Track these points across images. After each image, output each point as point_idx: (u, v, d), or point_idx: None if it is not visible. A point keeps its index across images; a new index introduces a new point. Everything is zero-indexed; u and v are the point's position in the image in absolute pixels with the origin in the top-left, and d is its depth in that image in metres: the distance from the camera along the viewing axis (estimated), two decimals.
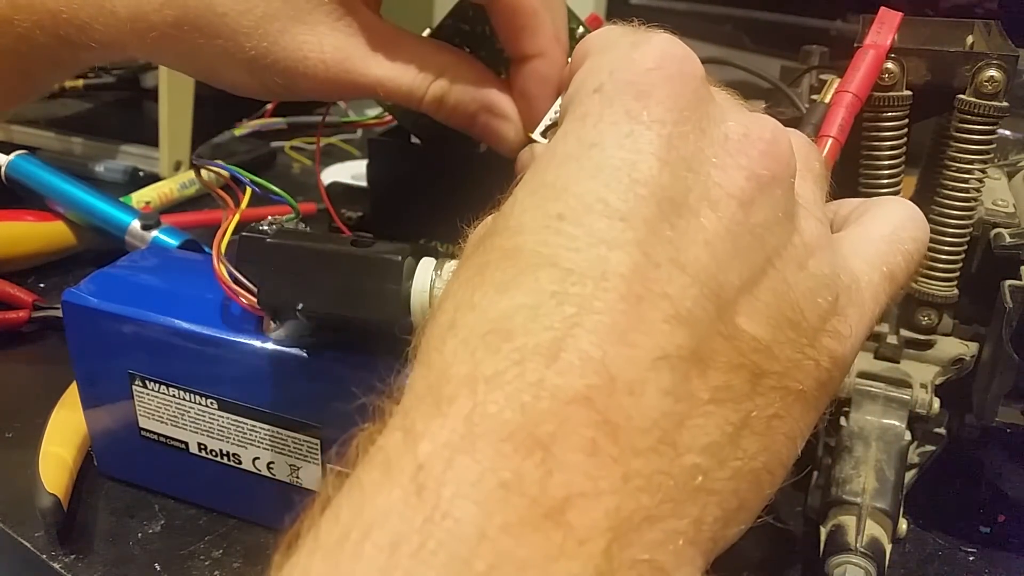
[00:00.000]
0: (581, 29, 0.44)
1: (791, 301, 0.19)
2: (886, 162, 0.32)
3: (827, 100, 0.30)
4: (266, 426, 0.30)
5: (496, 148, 0.32)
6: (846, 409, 0.33)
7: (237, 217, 0.30)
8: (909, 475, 0.34)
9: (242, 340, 0.29)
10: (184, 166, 0.67)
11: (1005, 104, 0.30)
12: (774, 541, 0.35)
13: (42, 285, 0.50)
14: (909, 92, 0.32)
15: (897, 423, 0.32)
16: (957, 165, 0.32)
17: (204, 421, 0.31)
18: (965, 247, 0.33)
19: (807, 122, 0.31)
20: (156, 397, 0.31)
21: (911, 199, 0.38)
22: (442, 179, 0.38)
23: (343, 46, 0.29)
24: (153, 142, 0.66)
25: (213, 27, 0.29)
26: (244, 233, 0.28)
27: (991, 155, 0.31)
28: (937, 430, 0.34)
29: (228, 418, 0.30)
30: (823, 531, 0.30)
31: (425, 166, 0.39)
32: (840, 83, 0.31)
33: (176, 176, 0.64)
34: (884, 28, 0.32)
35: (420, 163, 0.39)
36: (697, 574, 0.17)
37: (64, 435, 0.35)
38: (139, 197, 0.59)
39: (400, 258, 0.25)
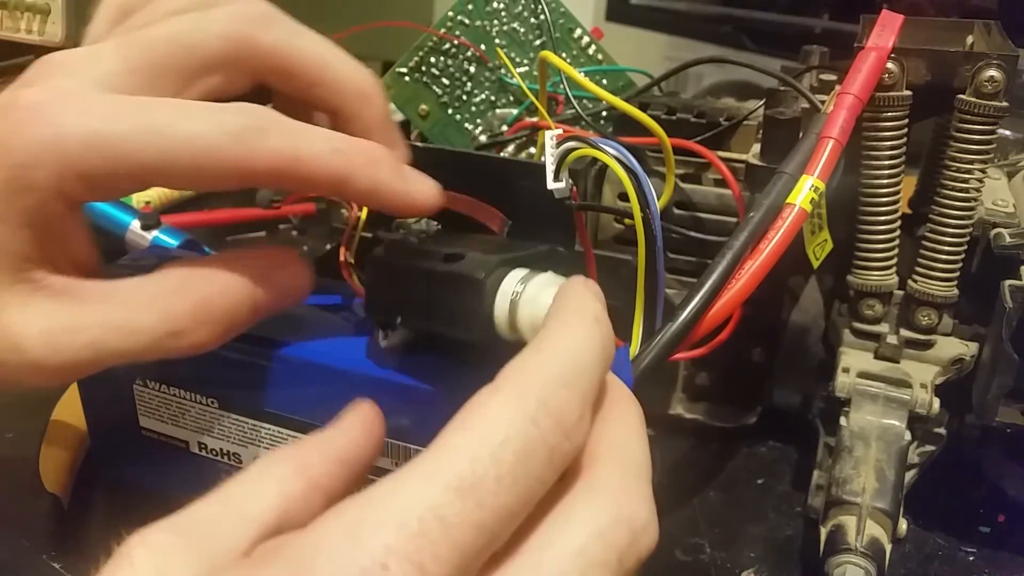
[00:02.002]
0: (579, 31, 0.44)
1: None
2: (886, 162, 0.32)
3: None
4: (266, 425, 0.30)
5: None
6: (846, 409, 0.33)
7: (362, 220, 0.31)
8: (909, 475, 0.34)
9: (241, 338, 0.29)
10: None
11: (1005, 104, 0.30)
12: (774, 541, 0.35)
13: None
14: (909, 92, 0.32)
15: (897, 423, 0.32)
16: (957, 165, 0.32)
17: (205, 420, 0.31)
18: (965, 247, 0.33)
19: (809, 131, 0.31)
20: (156, 396, 0.31)
21: (911, 199, 0.38)
22: (442, 179, 0.38)
23: (33, 322, 0.24)
24: None
25: None
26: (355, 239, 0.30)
27: (991, 155, 0.31)
28: (937, 430, 0.34)
29: (228, 417, 0.30)
30: (823, 531, 0.30)
31: (425, 166, 0.39)
32: (842, 85, 0.31)
33: None
34: (886, 30, 0.32)
35: (420, 163, 0.39)
36: None
37: (64, 435, 0.35)
38: (139, 197, 0.59)
39: (482, 276, 0.25)
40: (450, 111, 0.43)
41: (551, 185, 0.29)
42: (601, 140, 0.28)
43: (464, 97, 0.43)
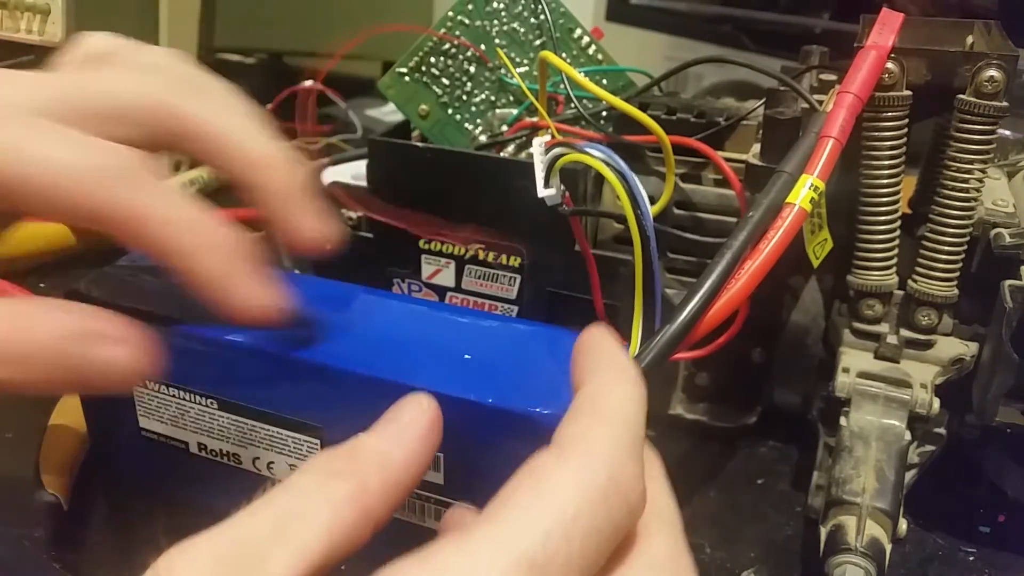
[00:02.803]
0: (579, 31, 0.44)
1: None
2: (886, 162, 0.32)
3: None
4: (266, 426, 0.30)
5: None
6: (846, 409, 0.33)
7: None
8: (909, 475, 0.34)
9: (242, 340, 0.29)
10: (184, 166, 0.67)
11: (1005, 104, 0.30)
12: (774, 541, 0.35)
13: (42, 285, 0.50)
14: (909, 92, 0.32)
15: (897, 423, 0.32)
16: (957, 165, 0.32)
17: (204, 421, 0.31)
18: (965, 247, 0.33)
19: (809, 130, 0.31)
20: (156, 397, 0.31)
21: (911, 199, 0.38)
22: (442, 179, 0.38)
23: None
24: None
25: None
26: None
27: (991, 155, 0.31)
28: (937, 430, 0.34)
29: (228, 418, 0.30)
30: (823, 531, 0.30)
31: (425, 166, 0.39)
32: (842, 84, 0.31)
33: (176, 176, 0.64)
34: (886, 29, 0.32)
35: (420, 163, 0.39)
36: None
37: (64, 434, 0.35)
38: None
39: None
40: (450, 111, 0.43)
41: (542, 192, 0.29)
42: (588, 144, 0.28)
43: (464, 97, 0.43)
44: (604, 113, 0.42)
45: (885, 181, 0.32)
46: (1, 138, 0.23)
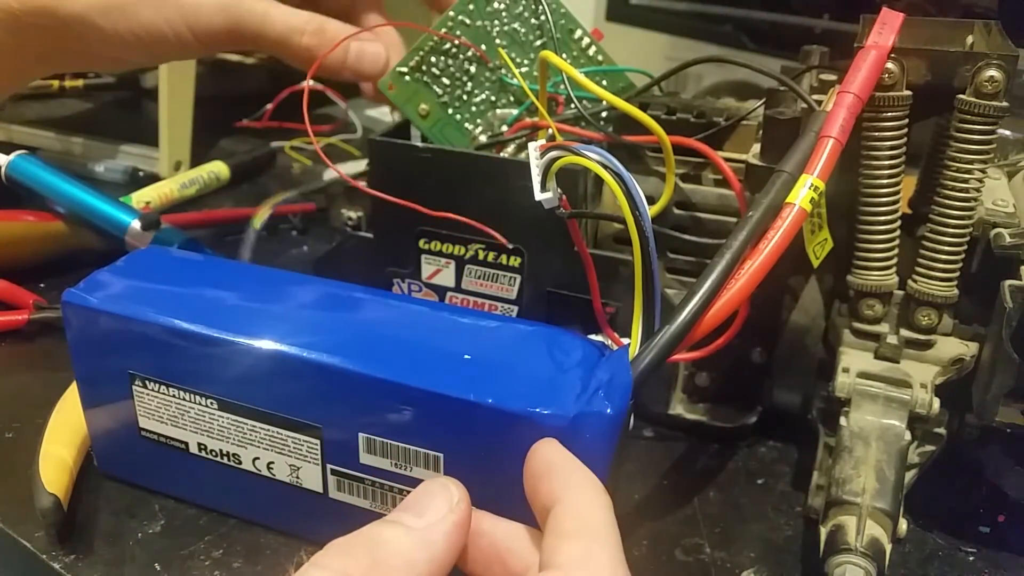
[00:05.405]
0: (579, 32, 0.44)
1: None
2: (886, 162, 0.32)
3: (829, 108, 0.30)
4: (266, 426, 0.30)
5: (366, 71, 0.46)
6: (846, 409, 0.33)
7: None
8: (909, 475, 0.34)
9: (242, 340, 0.29)
10: (184, 166, 0.67)
11: (1005, 104, 0.30)
12: (774, 541, 0.35)
13: (42, 285, 0.50)
14: (909, 92, 0.32)
15: (897, 423, 0.32)
16: (957, 165, 0.32)
17: (204, 421, 0.31)
18: (965, 247, 0.33)
19: (809, 129, 0.31)
20: (156, 397, 0.31)
21: (911, 199, 0.38)
22: (442, 179, 0.38)
23: None
24: (153, 142, 0.66)
25: None
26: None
27: (991, 155, 0.31)
28: (937, 430, 0.34)
29: (228, 418, 0.30)
30: (823, 531, 0.30)
31: (425, 166, 0.39)
32: (842, 84, 0.31)
33: (176, 176, 0.64)
34: (886, 29, 0.32)
35: (420, 163, 0.39)
36: None
37: (64, 435, 0.35)
38: (139, 197, 0.59)
39: None
40: (450, 111, 0.43)
41: (538, 196, 0.29)
42: (584, 146, 0.28)
43: (464, 97, 0.43)
44: (604, 113, 0.42)
45: (885, 181, 0.32)
46: None
